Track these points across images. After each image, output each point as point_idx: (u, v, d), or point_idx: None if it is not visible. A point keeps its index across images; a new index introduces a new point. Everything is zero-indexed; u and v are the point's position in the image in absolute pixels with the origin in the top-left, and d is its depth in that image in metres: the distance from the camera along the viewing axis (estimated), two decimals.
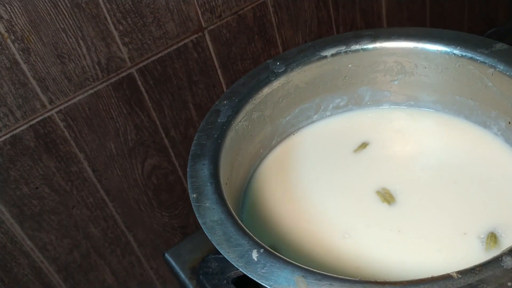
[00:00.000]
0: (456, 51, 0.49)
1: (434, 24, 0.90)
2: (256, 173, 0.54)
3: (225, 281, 0.54)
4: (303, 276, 0.34)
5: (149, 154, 0.69)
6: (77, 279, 0.70)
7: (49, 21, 0.54)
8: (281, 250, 0.44)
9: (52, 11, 0.54)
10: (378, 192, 0.48)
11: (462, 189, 0.48)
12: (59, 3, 0.54)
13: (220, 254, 0.57)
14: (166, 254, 0.60)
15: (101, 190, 0.67)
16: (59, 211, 0.64)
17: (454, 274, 0.32)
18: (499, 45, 0.47)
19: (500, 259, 0.33)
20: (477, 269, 0.32)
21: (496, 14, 0.98)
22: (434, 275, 0.33)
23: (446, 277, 0.32)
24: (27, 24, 0.53)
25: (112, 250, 0.71)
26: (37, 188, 0.61)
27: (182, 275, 0.57)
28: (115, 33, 0.59)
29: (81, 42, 0.57)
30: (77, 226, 0.67)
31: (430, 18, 0.90)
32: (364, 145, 0.55)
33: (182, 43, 0.65)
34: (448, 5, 0.91)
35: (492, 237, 0.42)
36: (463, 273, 0.32)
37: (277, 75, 0.52)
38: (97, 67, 0.60)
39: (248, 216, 0.50)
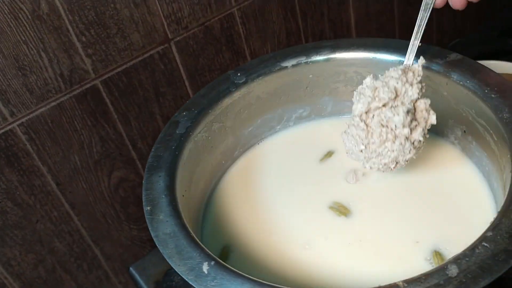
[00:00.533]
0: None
1: (403, 35, 0.92)
2: (219, 184, 0.54)
3: None
4: None
5: (115, 166, 0.68)
6: None
7: (9, 33, 0.54)
8: (242, 261, 0.44)
9: (12, 23, 0.54)
10: (331, 208, 0.49)
11: (417, 198, 0.48)
12: (20, 15, 0.54)
13: None
14: (131, 268, 0.59)
15: (65, 204, 0.66)
16: (22, 225, 0.63)
17: (400, 283, 0.32)
18: (454, 55, 0.48)
19: (445, 267, 0.33)
20: (423, 277, 0.33)
21: (464, 25, 1.00)
22: (381, 285, 0.33)
23: (393, 286, 0.32)
24: None
25: (78, 265, 0.70)
26: None
27: None
28: (78, 45, 0.59)
29: (42, 54, 0.57)
30: (41, 241, 0.65)
31: (398, 29, 0.92)
32: (329, 154, 0.55)
33: (147, 54, 0.65)
34: (417, 16, 0.92)
35: (437, 255, 0.42)
36: (409, 282, 0.32)
37: (237, 86, 0.52)
38: (59, 79, 0.59)
39: (210, 228, 0.49)
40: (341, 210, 0.48)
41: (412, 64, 0.44)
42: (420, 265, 0.42)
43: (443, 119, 0.52)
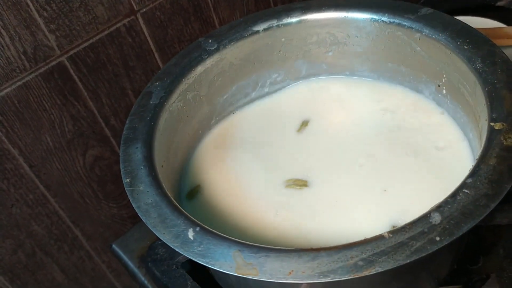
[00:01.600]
0: (384, 18, 0.50)
1: None
2: (196, 153, 0.53)
3: (174, 266, 0.54)
4: (239, 250, 0.34)
5: (89, 145, 0.67)
6: (24, 280, 0.67)
7: None
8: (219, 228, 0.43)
9: None
10: (288, 181, 0.49)
11: (394, 154, 0.49)
12: None
13: None
14: (113, 245, 0.58)
15: (40, 186, 0.64)
16: None
17: (386, 234, 0.33)
18: (425, 10, 0.48)
19: (428, 215, 0.33)
20: (407, 227, 0.33)
21: None
22: (366, 237, 0.33)
23: (378, 238, 0.33)
24: None
25: (59, 247, 0.69)
26: None
27: (131, 265, 0.56)
28: (40, 20, 0.56)
29: (3, 31, 0.54)
30: (18, 225, 0.64)
31: None
32: (305, 123, 0.54)
33: (114, 27, 0.63)
34: None
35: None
36: (394, 232, 0.33)
37: (209, 53, 0.51)
38: (23, 57, 0.57)
39: (189, 197, 0.49)
40: (298, 183, 0.48)
41: None
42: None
43: (417, 75, 0.52)
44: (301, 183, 0.48)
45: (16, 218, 0.63)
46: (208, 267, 0.48)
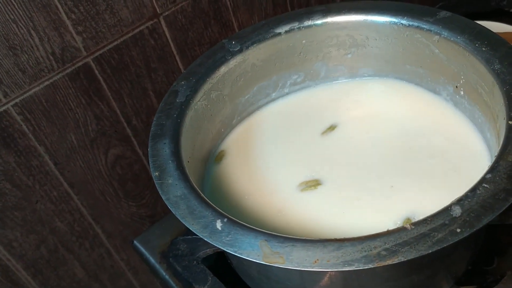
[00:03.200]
0: (403, 21, 0.51)
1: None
2: (219, 151, 0.55)
3: (195, 262, 0.55)
4: (266, 240, 0.35)
5: (111, 144, 0.69)
6: (46, 275, 0.69)
7: None
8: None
9: (0, 2, 0.53)
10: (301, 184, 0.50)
11: (413, 156, 0.50)
12: None
13: (188, 235, 0.57)
14: (135, 241, 0.60)
15: (64, 183, 0.66)
16: (22, 206, 0.63)
17: (408, 225, 0.34)
18: (443, 13, 0.49)
19: (449, 208, 0.35)
20: (429, 219, 0.34)
21: None
22: (389, 229, 0.34)
23: (401, 229, 0.34)
24: None
25: (80, 244, 0.71)
26: None
27: (152, 260, 0.58)
28: (68, 22, 0.58)
29: (33, 32, 0.56)
30: (42, 221, 0.66)
31: None
32: (332, 128, 0.55)
33: (137, 30, 0.65)
34: None
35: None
36: (416, 224, 0.34)
37: (233, 54, 0.53)
38: (51, 57, 0.59)
39: (211, 195, 0.50)
40: (310, 184, 0.49)
41: None
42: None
43: (435, 76, 0.53)
44: (314, 183, 0.49)
45: (40, 214, 0.65)
46: (231, 260, 0.50)
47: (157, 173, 0.41)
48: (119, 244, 0.75)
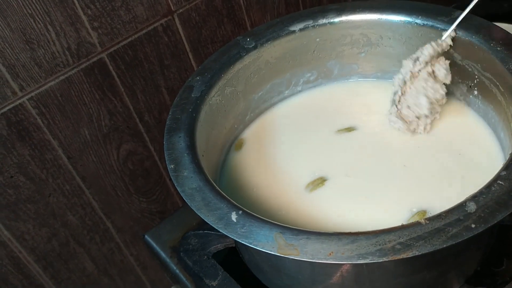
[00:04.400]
0: (418, 20, 0.51)
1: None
2: (233, 147, 0.55)
3: (205, 256, 0.55)
4: (281, 232, 0.35)
5: (124, 139, 0.69)
6: (57, 268, 0.70)
7: (15, 6, 0.54)
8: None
9: None
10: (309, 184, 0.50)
11: (426, 155, 0.50)
12: None
13: (200, 230, 0.58)
14: (146, 236, 0.60)
15: (77, 177, 0.67)
16: (35, 199, 0.64)
17: (423, 220, 0.34)
18: (458, 13, 0.50)
19: (464, 204, 0.35)
20: (444, 214, 0.34)
21: None
22: (404, 223, 0.35)
23: (416, 224, 0.34)
24: None
25: (91, 238, 0.71)
26: (11, 177, 0.61)
27: (163, 255, 0.58)
28: (84, 18, 0.59)
29: (49, 27, 0.57)
30: (54, 214, 0.66)
31: None
32: (347, 129, 0.55)
33: (152, 27, 0.65)
34: None
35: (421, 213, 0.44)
36: (431, 219, 0.34)
37: (247, 51, 0.53)
38: (67, 52, 0.60)
39: (224, 189, 0.51)
40: (317, 182, 0.50)
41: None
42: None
43: None
44: (320, 181, 0.50)
45: (53, 207, 0.66)
46: (242, 255, 0.50)
47: (172, 166, 0.42)
48: (129, 239, 0.76)
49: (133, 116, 0.69)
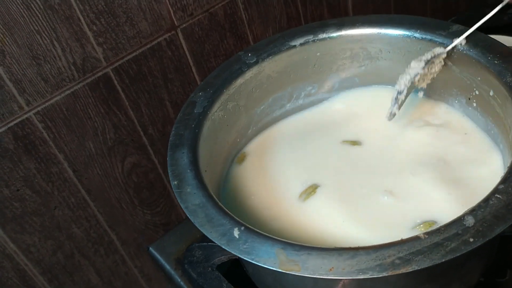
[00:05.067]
0: (417, 34, 0.52)
1: (398, 13, 0.94)
2: (233, 164, 0.56)
3: (209, 268, 0.56)
4: (282, 248, 0.36)
5: (128, 152, 0.70)
6: (62, 281, 0.70)
7: (23, 23, 0.55)
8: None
9: (25, 13, 0.55)
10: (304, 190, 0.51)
11: (425, 166, 0.50)
12: (32, 5, 0.55)
13: (204, 242, 0.58)
14: (150, 248, 0.61)
15: (82, 190, 0.67)
16: (41, 212, 0.64)
17: (422, 235, 0.35)
18: (456, 27, 0.50)
19: (462, 218, 0.35)
20: (442, 229, 0.35)
21: (457, 4, 1.02)
22: (403, 238, 0.35)
23: (415, 239, 0.35)
24: (1, 27, 0.54)
25: (95, 250, 0.72)
26: (18, 190, 0.62)
27: (167, 267, 0.59)
28: (89, 34, 0.60)
29: (55, 43, 0.58)
30: (59, 227, 0.67)
31: (394, 10, 0.94)
32: (354, 143, 0.56)
33: (155, 41, 0.66)
34: None
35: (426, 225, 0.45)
36: (430, 233, 0.35)
37: (249, 66, 0.54)
38: (72, 67, 0.61)
39: (227, 204, 0.51)
40: (309, 191, 0.50)
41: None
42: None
43: (448, 88, 0.54)
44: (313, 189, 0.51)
45: (58, 220, 0.66)
46: (246, 268, 0.51)
47: (176, 182, 0.43)
48: (133, 251, 0.76)
49: (137, 129, 0.70)
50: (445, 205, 0.46)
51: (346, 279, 0.34)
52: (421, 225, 0.45)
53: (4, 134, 0.58)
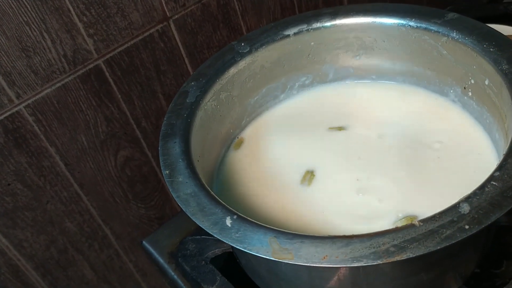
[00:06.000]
0: (411, 23, 0.51)
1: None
2: (229, 152, 0.55)
3: (203, 262, 0.55)
4: (275, 236, 0.35)
5: (121, 145, 0.69)
6: (55, 276, 0.70)
7: (11, 14, 0.54)
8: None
9: (14, 4, 0.54)
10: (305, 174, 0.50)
11: (421, 156, 0.50)
12: None
13: (197, 235, 0.58)
14: (144, 242, 0.60)
15: (74, 184, 0.67)
16: (33, 207, 0.64)
17: (417, 222, 0.34)
18: (451, 15, 0.50)
19: (458, 205, 0.35)
20: (437, 216, 0.34)
21: None
22: (398, 226, 0.34)
23: (409, 226, 0.34)
24: None
25: (89, 245, 0.71)
26: (9, 184, 0.61)
27: (161, 260, 0.58)
28: (80, 25, 0.59)
29: (45, 34, 0.57)
30: (52, 222, 0.66)
31: (390, 0, 0.93)
32: (340, 128, 0.55)
33: (147, 33, 0.66)
34: None
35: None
36: (425, 221, 0.34)
37: (242, 56, 0.53)
38: (63, 59, 0.60)
39: (220, 193, 0.51)
40: (307, 177, 0.50)
41: None
42: None
43: (443, 78, 0.53)
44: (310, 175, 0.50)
45: (51, 214, 0.66)
46: (240, 260, 0.50)
47: (167, 171, 0.42)
48: (128, 245, 0.76)
49: (130, 122, 0.69)
50: (437, 195, 0.45)
51: (340, 267, 0.34)
52: (403, 219, 0.44)
53: None
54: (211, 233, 0.37)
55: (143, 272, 0.80)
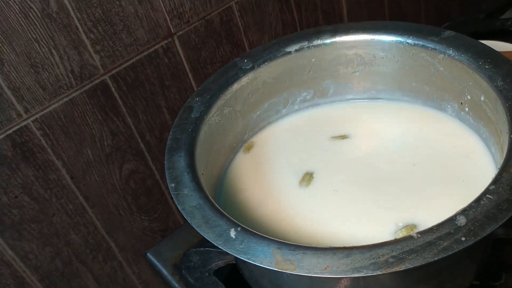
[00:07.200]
0: (409, 40, 0.53)
1: (393, 19, 0.95)
2: (232, 165, 0.57)
3: (206, 273, 0.56)
4: (278, 248, 0.37)
5: (126, 159, 0.71)
6: (60, 287, 0.71)
7: (21, 31, 0.56)
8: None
9: (23, 22, 0.56)
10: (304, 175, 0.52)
11: (419, 170, 0.51)
12: (30, 14, 0.56)
13: (201, 247, 0.59)
14: (148, 254, 0.61)
15: (80, 197, 0.68)
16: (39, 219, 0.65)
17: (415, 234, 0.35)
18: (448, 33, 0.51)
19: (454, 218, 0.36)
20: (435, 228, 0.36)
21: (450, 10, 1.04)
22: (396, 238, 0.36)
23: (408, 238, 0.35)
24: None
25: (93, 257, 0.72)
26: (16, 197, 0.62)
27: (165, 272, 0.59)
28: (87, 42, 0.61)
29: (53, 51, 0.59)
30: (57, 234, 0.67)
31: (388, 16, 0.95)
32: (342, 137, 0.57)
33: (152, 49, 0.67)
34: (405, 2, 0.96)
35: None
36: (423, 233, 0.36)
37: (245, 72, 0.55)
38: (70, 75, 0.61)
39: (223, 206, 0.52)
40: (306, 178, 0.51)
41: None
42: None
43: (440, 94, 0.55)
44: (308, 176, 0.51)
45: (56, 226, 0.67)
46: (242, 271, 0.51)
47: (173, 185, 0.43)
48: (131, 257, 0.77)
49: (135, 136, 0.70)
50: (435, 207, 0.47)
51: (341, 277, 0.35)
52: (403, 229, 0.46)
53: (2, 141, 0.59)
54: (216, 245, 0.38)
55: (146, 283, 0.81)
